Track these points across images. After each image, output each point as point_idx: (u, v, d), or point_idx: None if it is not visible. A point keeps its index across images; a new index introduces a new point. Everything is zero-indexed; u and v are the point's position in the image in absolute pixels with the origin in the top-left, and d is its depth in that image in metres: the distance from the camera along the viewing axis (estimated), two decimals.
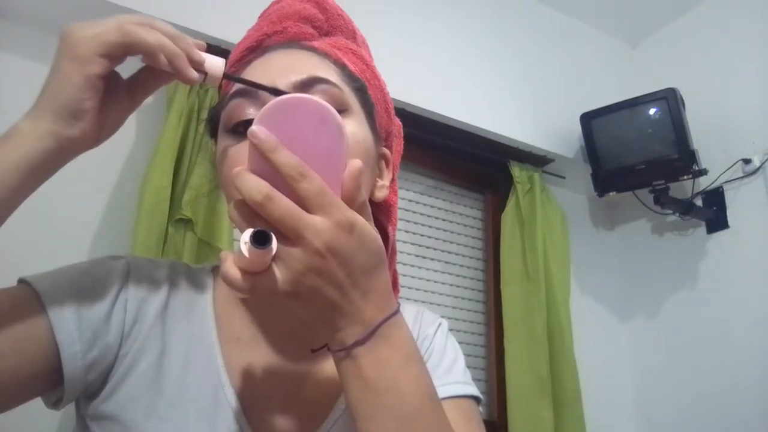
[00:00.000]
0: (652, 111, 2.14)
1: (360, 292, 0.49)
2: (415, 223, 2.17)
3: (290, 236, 0.46)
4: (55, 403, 0.60)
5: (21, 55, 1.68)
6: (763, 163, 2.08)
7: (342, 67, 0.66)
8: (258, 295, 0.48)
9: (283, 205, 0.46)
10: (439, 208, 2.25)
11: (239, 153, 0.59)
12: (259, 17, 0.71)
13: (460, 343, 0.78)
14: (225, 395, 0.61)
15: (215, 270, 0.71)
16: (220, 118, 0.64)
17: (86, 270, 0.62)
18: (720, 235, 2.17)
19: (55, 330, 0.56)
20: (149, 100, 1.96)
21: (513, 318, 2.07)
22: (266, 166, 0.46)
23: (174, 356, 0.61)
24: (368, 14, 2.04)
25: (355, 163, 0.49)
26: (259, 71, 0.63)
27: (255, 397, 0.62)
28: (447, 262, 2.20)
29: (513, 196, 2.25)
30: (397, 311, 0.52)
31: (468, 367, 0.74)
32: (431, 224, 2.21)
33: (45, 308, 0.56)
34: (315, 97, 0.47)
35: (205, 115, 1.65)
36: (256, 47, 0.68)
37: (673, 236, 2.35)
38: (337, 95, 0.61)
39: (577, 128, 2.26)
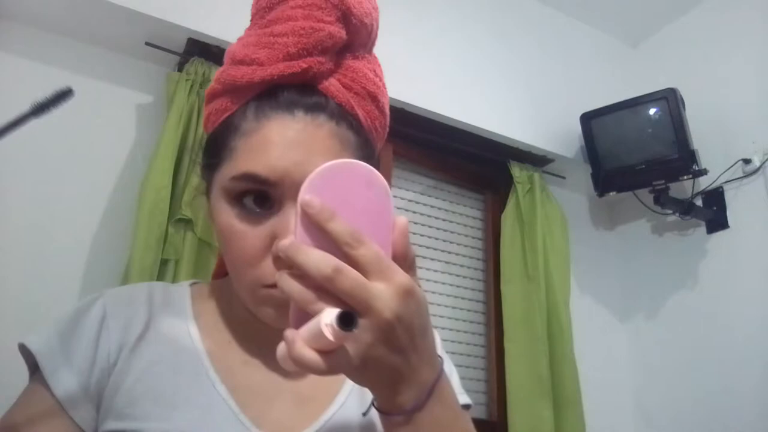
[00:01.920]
0: (652, 111, 2.15)
1: (417, 355, 0.48)
2: (415, 223, 2.17)
3: (358, 308, 0.44)
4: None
5: (21, 55, 1.68)
6: (763, 163, 2.08)
7: (357, 131, 0.63)
8: (332, 374, 0.46)
9: (351, 277, 0.44)
10: (439, 208, 2.25)
11: (256, 238, 0.58)
12: (262, 17, 0.63)
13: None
14: (217, 392, 0.62)
15: (192, 286, 0.73)
16: (219, 162, 0.62)
17: (70, 319, 0.65)
18: (720, 235, 2.17)
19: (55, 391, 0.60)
20: (149, 99, 1.97)
21: (513, 318, 2.07)
22: (317, 237, 0.46)
23: (162, 364, 0.62)
24: None
25: (402, 222, 0.48)
26: (278, 156, 0.58)
27: (247, 392, 0.63)
28: (447, 262, 2.20)
29: (513, 196, 2.25)
30: (442, 365, 0.52)
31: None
32: (431, 224, 2.21)
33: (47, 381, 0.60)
34: (360, 162, 0.47)
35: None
36: (272, 83, 0.61)
37: (673, 236, 2.35)
38: None
39: (577, 128, 2.26)
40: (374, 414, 0.66)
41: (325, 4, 0.61)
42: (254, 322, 0.65)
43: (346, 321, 0.43)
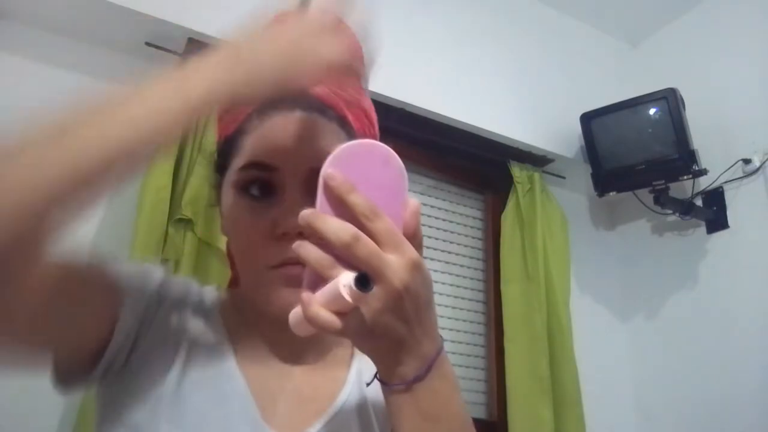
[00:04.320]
0: (652, 111, 2.15)
1: (421, 328, 0.52)
2: None
3: (371, 275, 0.48)
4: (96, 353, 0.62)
5: (21, 55, 1.68)
6: (763, 163, 2.08)
7: (347, 130, 0.68)
8: (344, 336, 0.50)
9: (368, 245, 0.48)
10: (439, 208, 2.25)
11: (260, 223, 0.62)
12: None
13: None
14: (239, 384, 0.64)
15: (218, 289, 0.76)
16: (228, 162, 0.67)
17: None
18: (720, 235, 2.17)
19: (120, 281, 0.62)
20: None
21: (513, 318, 2.07)
22: (337, 208, 0.49)
23: (194, 346, 0.65)
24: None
25: (415, 203, 0.52)
26: (279, 145, 0.64)
27: (262, 385, 0.66)
28: (447, 262, 2.20)
29: (513, 196, 2.25)
30: (443, 342, 0.55)
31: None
32: (431, 224, 2.21)
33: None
34: (379, 142, 0.52)
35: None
36: None
37: (673, 236, 2.35)
38: None
39: (577, 128, 2.26)
40: (373, 412, 0.68)
41: None
42: (259, 325, 0.68)
43: (363, 283, 0.47)
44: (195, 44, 1.75)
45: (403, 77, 2.03)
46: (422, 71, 2.10)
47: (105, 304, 0.60)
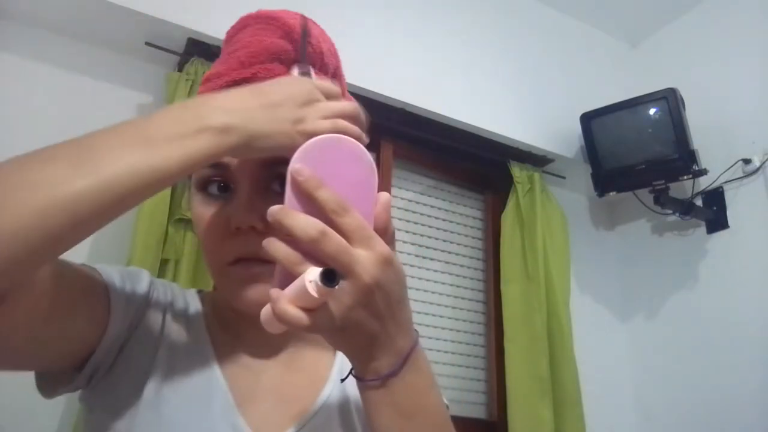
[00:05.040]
0: (652, 111, 2.15)
1: (395, 323, 0.52)
2: (415, 223, 2.17)
3: (341, 271, 0.47)
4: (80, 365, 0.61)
5: (21, 55, 1.68)
6: (763, 163, 2.08)
7: None
8: (314, 332, 0.49)
9: (336, 241, 0.47)
10: (439, 208, 2.25)
11: (216, 220, 0.63)
12: (228, 47, 0.70)
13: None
14: (219, 387, 0.65)
15: (199, 293, 0.76)
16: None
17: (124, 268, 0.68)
18: (720, 235, 2.17)
19: (109, 287, 0.62)
20: (149, 99, 1.96)
21: (513, 318, 2.07)
22: (306, 204, 0.49)
23: (175, 348, 0.66)
24: (368, 14, 2.04)
25: (385, 196, 0.52)
26: None
27: (242, 386, 0.66)
28: (447, 262, 2.20)
29: (513, 196, 2.25)
30: (418, 337, 0.55)
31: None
32: (431, 224, 2.21)
33: (101, 275, 0.62)
34: (349, 138, 0.51)
35: None
36: (228, 89, 0.69)
37: (673, 236, 2.35)
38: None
39: (577, 128, 2.26)
40: (354, 410, 0.69)
41: (269, 26, 0.68)
42: (239, 324, 0.68)
43: (329, 278, 0.45)
44: (195, 44, 1.75)
45: (403, 77, 2.03)
46: (422, 71, 2.10)
47: (95, 310, 0.60)
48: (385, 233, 0.51)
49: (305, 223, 0.47)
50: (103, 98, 1.74)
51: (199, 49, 1.75)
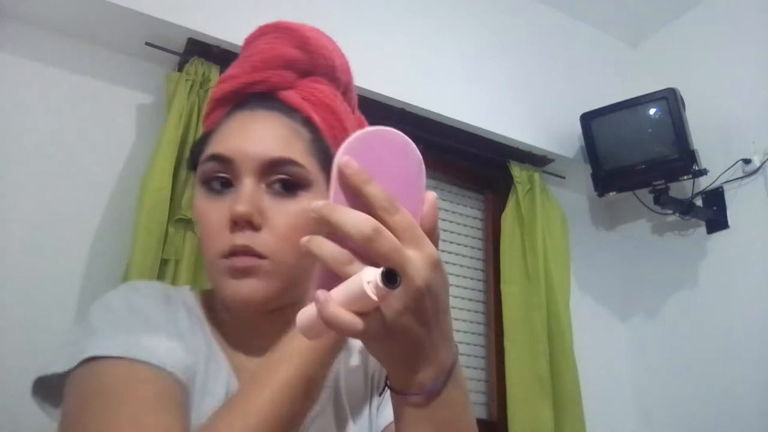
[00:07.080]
0: (652, 111, 2.15)
1: (439, 331, 0.49)
2: None
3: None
4: None
5: (21, 55, 1.68)
6: (763, 163, 2.08)
7: (312, 130, 0.69)
8: (363, 338, 0.46)
9: (390, 239, 0.43)
10: (439, 208, 2.22)
11: (216, 214, 0.64)
12: (245, 52, 0.73)
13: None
14: (234, 387, 0.66)
15: (192, 291, 0.76)
16: (198, 160, 0.70)
17: (110, 312, 0.65)
18: (720, 235, 2.17)
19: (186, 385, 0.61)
20: (149, 99, 1.96)
21: (513, 318, 2.07)
22: (352, 199, 0.45)
23: (200, 356, 0.67)
24: (368, 15, 2.04)
25: (432, 195, 0.49)
26: (236, 138, 0.66)
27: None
28: (447, 262, 2.19)
29: (513, 196, 2.25)
30: (458, 351, 0.53)
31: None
32: None
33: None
34: (397, 131, 0.47)
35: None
36: (240, 91, 0.71)
37: (673, 236, 2.35)
38: (300, 175, 0.65)
39: (577, 128, 2.26)
40: (347, 403, 0.70)
41: (285, 35, 0.71)
42: (238, 329, 0.69)
43: (390, 279, 0.42)
44: (195, 44, 1.75)
45: (403, 77, 2.03)
46: (422, 71, 2.10)
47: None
48: (432, 233, 0.48)
49: (358, 220, 0.43)
50: (103, 98, 1.73)
51: (199, 49, 1.74)
